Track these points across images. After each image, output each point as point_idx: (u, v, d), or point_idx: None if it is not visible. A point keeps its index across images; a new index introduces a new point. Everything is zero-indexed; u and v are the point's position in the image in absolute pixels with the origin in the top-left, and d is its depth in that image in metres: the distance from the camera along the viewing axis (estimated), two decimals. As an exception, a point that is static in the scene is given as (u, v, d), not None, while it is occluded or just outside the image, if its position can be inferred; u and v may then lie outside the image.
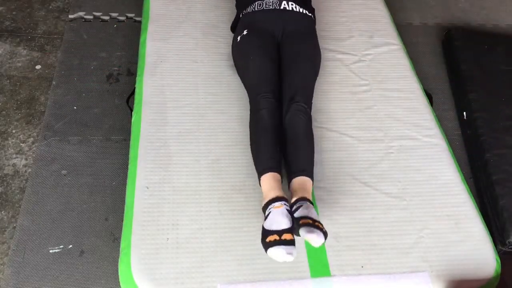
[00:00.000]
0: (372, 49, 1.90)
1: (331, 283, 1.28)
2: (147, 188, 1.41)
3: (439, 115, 1.94)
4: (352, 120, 1.65)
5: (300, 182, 1.37)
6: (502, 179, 1.66)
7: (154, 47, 1.80)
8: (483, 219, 1.46)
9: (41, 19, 2.23)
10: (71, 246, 1.51)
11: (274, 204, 1.27)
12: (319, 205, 1.43)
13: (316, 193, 1.45)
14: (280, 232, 1.20)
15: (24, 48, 2.09)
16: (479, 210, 1.48)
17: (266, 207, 1.29)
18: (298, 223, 1.22)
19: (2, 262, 1.48)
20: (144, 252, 1.29)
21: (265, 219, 1.27)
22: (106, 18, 2.23)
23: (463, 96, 1.95)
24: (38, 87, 1.96)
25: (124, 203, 1.43)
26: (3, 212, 1.59)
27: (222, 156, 1.51)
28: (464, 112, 1.92)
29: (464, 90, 1.95)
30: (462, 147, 1.89)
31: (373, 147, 1.58)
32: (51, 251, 1.50)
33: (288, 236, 1.19)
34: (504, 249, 1.56)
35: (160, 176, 1.44)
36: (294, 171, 1.40)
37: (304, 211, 1.24)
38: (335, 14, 2.02)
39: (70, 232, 1.54)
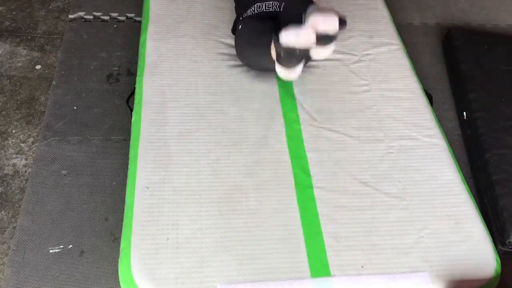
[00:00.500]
0: (372, 49, 1.90)
1: (331, 283, 1.28)
2: (147, 188, 1.41)
3: (439, 115, 1.94)
4: (352, 120, 1.65)
5: None
6: (502, 179, 1.66)
7: (154, 47, 1.80)
8: (483, 219, 1.46)
9: (41, 19, 2.23)
10: (71, 246, 1.51)
11: None
12: (319, 205, 1.43)
13: (316, 193, 1.45)
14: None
15: (24, 48, 2.09)
16: (479, 210, 1.48)
17: None
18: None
19: (2, 262, 1.48)
20: (144, 252, 1.29)
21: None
22: (106, 18, 2.23)
23: (463, 96, 1.95)
24: (38, 87, 1.96)
25: (124, 203, 1.43)
26: (3, 212, 1.59)
27: (222, 156, 1.51)
28: (464, 112, 1.92)
29: (464, 90, 1.95)
30: (462, 147, 1.89)
31: (373, 147, 1.58)
32: (51, 251, 1.50)
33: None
34: (504, 249, 1.56)
35: (160, 176, 1.44)
36: None
37: None
38: (335, 14, 2.02)
39: (70, 232, 1.54)
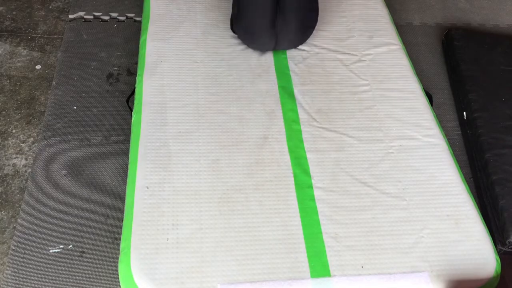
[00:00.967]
0: (372, 49, 1.90)
1: (331, 283, 1.28)
2: (147, 188, 1.41)
3: (439, 115, 1.94)
4: (352, 120, 1.65)
5: None
6: (502, 179, 1.66)
7: (154, 47, 1.80)
8: (483, 219, 1.46)
9: (41, 19, 2.23)
10: (71, 246, 1.51)
11: None
12: (319, 205, 1.43)
13: (316, 193, 1.45)
14: None
15: (24, 48, 2.09)
16: (479, 210, 1.48)
17: None
18: None
19: (2, 262, 1.48)
20: (144, 252, 1.29)
21: None
22: (106, 18, 2.23)
23: (463, 96, 1.95)
24: (38, 87, 1.96)
25: (124, 203, 1.43)
26: (3, 212, 1.59)
27: (222, 156, 1.51)
28: (464, 112, 1.92)
29: (464, 90, 1.95)
30: (462, 147, 1.89)
31: (373, 147, 1.58)
32: (51, 251, 1.50)
33: None
34: (504, 249, 1.56)
35: (160, 176, 1.44)
36: None
37: None
38: (335, 14, 2.02)
39: (70, 232, 1.54)
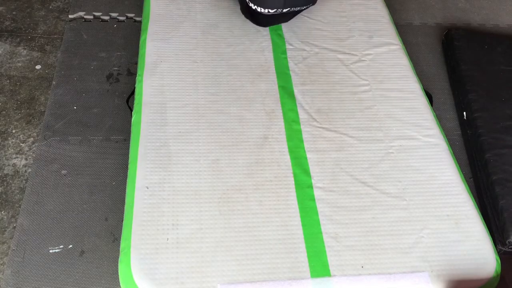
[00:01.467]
0: (372, 49, 1.90)
1: (331, 283, 1.28)
2: (147, 188, 1.41)
3: (439, 115, 1.94)
4: (352, 120, 1.65)
5: None
6: (502, 179, 1.66)
7: (154, 47, 1.80)
8: (483, 219, 1.46)
9: (41, 19, 2.23)
10: (71, 246, 1.51)
11: None
12: (319, 205, 1.43)
13: (316, 193, 1.45)
14: None
15: (24, 48, 2.09)
16: (479, 210, 1.48)
17: None
18: None
19: (2, 262, 1.48)
20: (144, 252, 1.29)
21: None
22: (106, 18, 2.23)
23: (463, 96, 1.95)
24: (38, 87, 1.96)
25: (124, 203, 1.43)
26: (3, 212, 1.59)
27: (222, 156, 1.51)
28: (464, 112, 1.92)
29: (464, 90, 1.95)
30: (462, 147, 1.89)
31: (373, 147, 1.58)
32: (51, 251, 1.50)
33: None
34: (504, 249, 1.56)
35: (160, 176, 1.44)
36: None
37: None
38: (335, 14, 2.02)
39: (70, 232, 1.54)
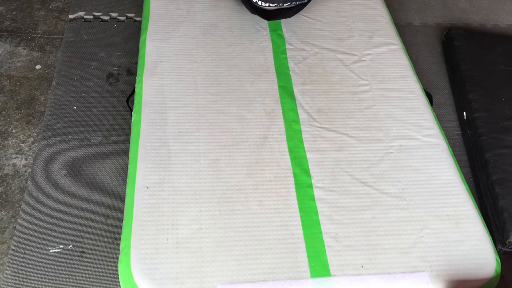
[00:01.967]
0: (372, 49, 1.89)
1: (331, 283, 1.28)
2: (147, 188, 1.41)
3: (439, 115, 1.94)
4: (352, 120, 1.65)
5: None
6: (502, 179, 1.66)
7: (154, 47, 1.80)
8: (483, 219, 1.46)
9: (41, 19, 2.23)
10: (71, 246, 1.51)
11: None
12: (319, 205, 1.43)
13: (316, 193, 1.45)
14: None
15: (24, 48, 2.09)
16: (479, 210, 1.48)
17: None
18: None
19: (2, 262, 1.48)
20: (144, 252, 1.29)
21: None
22: (106, 18, 2.23)
23: (463, 96, 1.95)
24: (38, 87, 1.96)
25: (124, 203, 1.43)
26: (3, 212, 1.59)
27: (222, 156, 1.51)
28: (464, 112, 1.92)
29: (464, 90, 1.95)
30: (462, 147, 1.89)
31: (373, 147, 1.58)
32: (51, 251, 1.50)
33: None
34: (504, 249, 1.56)
35: (160, 176, 1.44)
36: None
37: None
38: (335, 14, 2.02)
39: (70, 232, 1.54)
